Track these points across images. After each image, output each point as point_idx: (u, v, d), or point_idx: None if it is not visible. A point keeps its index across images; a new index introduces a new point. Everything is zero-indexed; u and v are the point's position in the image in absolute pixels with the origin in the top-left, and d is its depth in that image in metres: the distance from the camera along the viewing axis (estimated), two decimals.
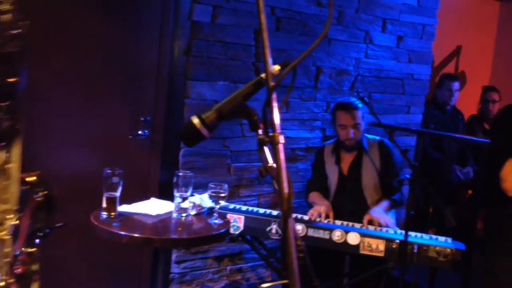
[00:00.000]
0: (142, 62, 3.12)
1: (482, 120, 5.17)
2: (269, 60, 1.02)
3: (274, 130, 0.96)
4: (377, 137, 3.45)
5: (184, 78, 3.18)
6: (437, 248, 2.68)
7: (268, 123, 1.02)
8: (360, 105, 3.31)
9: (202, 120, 1.07)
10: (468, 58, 5.85)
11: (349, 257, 3.14)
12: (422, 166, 4.52)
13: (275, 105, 1.01)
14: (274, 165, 1.10)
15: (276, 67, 1.15)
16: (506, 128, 1.95)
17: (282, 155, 0.97)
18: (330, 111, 3.69)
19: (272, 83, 1.01)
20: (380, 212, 2.98)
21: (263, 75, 1.15)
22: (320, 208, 3.03)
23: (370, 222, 2.99)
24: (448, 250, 2.66)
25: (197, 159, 3.30)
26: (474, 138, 4.40)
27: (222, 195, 2.54)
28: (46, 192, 1.51)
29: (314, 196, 3.32)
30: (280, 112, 3.54)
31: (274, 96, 1.00)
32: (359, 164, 3.34)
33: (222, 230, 2.46)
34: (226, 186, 2.56)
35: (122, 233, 2.25)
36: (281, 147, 0.96)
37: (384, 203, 3.19)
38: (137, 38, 3.08)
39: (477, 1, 5.83)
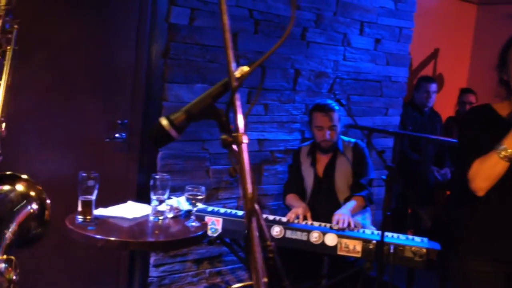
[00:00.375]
0: (119, 64, 3.10)
1: (459, 121, 5.24)
2: (232, 60, 1.03)
3: (237, 130, 0.96)
4: (353, 140, 3.47)
5: (162, 80, 3.17)
6: (413, 248, 2.71)
7: (231, 124, 1.02)
8: (336, 107, 3.33)
9: (170, 121, 1.07)
10: (445, 61, 5.93)
11: (328, 258, 3.15)
12: (401, 167, 4.57)
13: (238, 106, 1.01)
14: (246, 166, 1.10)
15: (245, 68, 1.16)
16: (472, 129, 1.97)
17: (245, 155, 0.97)
18: (307, 113, 3.71)
19: (235, 84, 1.01)
20: (344, 213, 2.99)
21: (237, 73, 1.16)
22: (297, 210, 3.04)
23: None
24: (424, 250, 2.69)
25: (176, 162, 3.29)
26: (451, 140, 4.46)
27: (200, 197, 2.54)
28: (40, 203, 1.49)
29: (291, 199, 3.33)
30: (260, 114, 3.54)
31: (237, 96, 1.00)
32: (333, 166, 3.36)
33: (199, 233, 2.46)
34: (203, 188, 2.55)
35: (98, 236, 2.23)
36: (244, 147, 0.96)
37: (350, 203, 3.20)
38: (114, 41, 3.07)
39: (454, 5, 5.91)
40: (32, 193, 1.52)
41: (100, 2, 3.01)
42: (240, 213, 3.05)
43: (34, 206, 1.50)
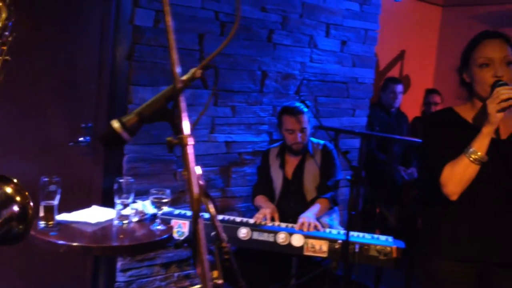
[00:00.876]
0: (82, 67, 3.06)
1: (423, 126, 5.32)
2: (176, 62, 1.02)
3: (182, 132, 0.96)
4: (322, 141, 3.49)
5: (127, 83, 3.14)
6: (378, 247, 2.74)
7: (178, 125, 1.01)
8: (305, 109, 3.33)
9: (122, 124, 1.06)
10: (412, 62, 6.03)
11: (296, 259, 3.16)
12: (368, 167, 4.63)
13: (183, 107, 1.01)
14: (197, 167, 1.10)
15: (199, 70, 1.16)
16: (437, 134, 1.97)
17: (191, 157, 0.97)
18: (276, 115, 3.73)
19: (179, 85, 1.01)
20: (308, 217, 3.01)
21: (184, 77, 1.15)
22: (265, 211, 3.04)
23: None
24: (388, 248, 2.73)
25: (142, 165, 3.26)
26: (417, 140, 4.54)
27: (165, 200, 2.52)
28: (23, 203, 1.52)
29: (259, 200, 3.33)
30: (227, 116, 3.53)
31: (182, 98, 1.00)
32: (302, 168, 3.37)
33: (164, 236, 2.44)
34: (168, 191, 2.54)
35: (60, 242, 2.20)
36: (190, 149, 0.95)
37: (315, 207, 3.21)
38: (76, 43, 3.03)
39: (420, 7, 6.02)
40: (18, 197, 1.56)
41: (62, 4, 2.96)
42: (206, 215, 3.03)
43: (17, 207, 1.56)
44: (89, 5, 3.04)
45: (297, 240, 2.81)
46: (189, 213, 3.08)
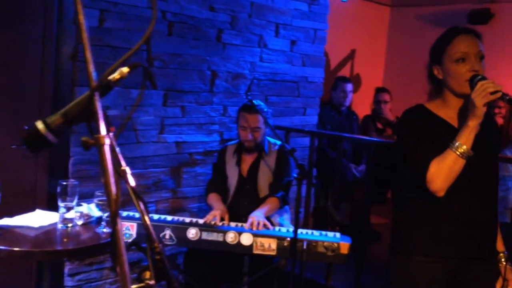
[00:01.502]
0: (24, 68, 2.98)
1: (375, 119, 5.44)
2: (90, 61, 1.00)
3: (98, 132, 0.94)
4: (278, 142, 3.48)
5: (72, 84, 3.08)
6: (325, 243, 2.78)
7: (112, 126, 1.00)
8: (265, 109, 3.33)
9: (47, 125, 1.04)
10: (362, 61, 6.15)
11: (249, 257, 3.17)
12: (320, 165, 4.69)
13: (99, 107, 0.99)
14: (126, 168, 1.09)
15: (125, 69, 1.15)
16: (413, 131, 1.93)
17: (108, 157, 0.96)
18: (225, 114, 3.75)
19: (94, 84, 0.99)
20: (258, 216, 3.03)
21: (111, 76, 1.14)
22: (215, 212, 3.03)
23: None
24: (336, 244, 2.77)
25: (89, 168, 3.21)
26: (365, 138, 4.63)
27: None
28: None
29: (212, 198, 3.30)
30: (177, 116, 3.50)
31: (97, 97, 0.98)
32: (257, 166, 3.37)
33: (110, 239, 2.41)
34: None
35: (0, 247, 2.14)
36: (106, 149, 0.94)
37: (265, 206, 3.23)
38: (18, 43, 2.95)
39: (369, 7, 6.14)
40: None
41: (2, 4, 2.88)
42: (156, 217, 3.02)
43: None
44: (31, 5, 2.97)
45: (246, 239, 2.82)
46: (137, 215, 3.04)
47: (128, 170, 1.14)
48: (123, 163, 1.14)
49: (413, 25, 6.22)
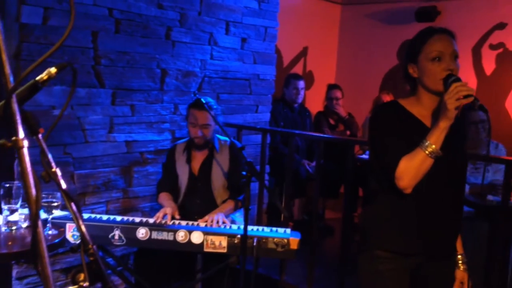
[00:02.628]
0: None
1: (328, 116, 5.52)
2: (6, 62, 0.98)
3: (16, 134, 0.93)
4: (228, 139, 3.48)
5: (16, 83, 3.00)
6: (275, 239, 2.80)
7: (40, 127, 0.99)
8: (214, 106, 3.32)
9: None
10: (314, 58, 6.23)
11: (202, 254, 3.17)
12: (274, 162, 4.73)
13: (16, 109, 0.98)
14: (57, 169, 1.07)
15: (53, 70, 1.13)
16: (386, 127, 1.94)
17: (27, 159, 0.94)
18: (176, 112, 3.73)
19: (11, 85, 0.97)
20: (218, 214, 3.04)
21: (38, 77, 1.12)
22: (165, 209, 3.01)
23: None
24: (285, 240, 2.80)
25: (36, 169, 3.12)
26: (316, 134, 4.70)
27: (55, 204, 2.44)
28: None
29: (162, 198, 3.28)
30: (126, 115, 3.44)
31: (14, 99, 0.97)
32: (209, 164, 3.35)
33: (56, 241, 2.37)
34: (58, 194, 2.46)
35: None
36: (25, 152, 0.93)
37: (225, 206, 3.24)
38: None
39: (320, 5, 6.22)
40: None
41: None
42: (105, 217, 2.98)
43: None
44: None
45: (196, 237, 2.82)
46: (86, 215, 3.00)
47: (58, 171, 1.12)
48: (53, 164, 1.12)
49: (364, 23, 6.35)
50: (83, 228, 1.12)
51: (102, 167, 3.48)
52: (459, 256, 2.09)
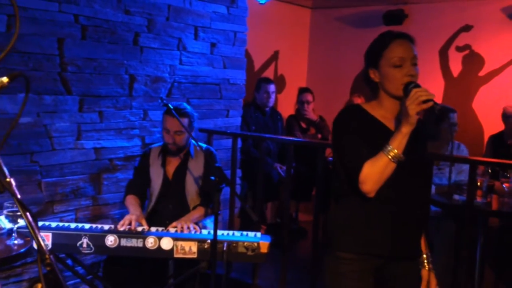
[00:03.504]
0: None
1: (299, 119, 5.56)
2: None
3: None
4: (204, 145, 3.47)
5: None
6: (246, 243, 2.81)
7: None
8: (190, 113, 3.29)
9: None
10: (285, 62, 6.27)
11: (173, 260, 3.15)
12: (246, 166, 4.74)
13: None
14: (11, 179, 1.06)
15: (5, 79, 1.12)
16: (349, 131, 1.95)
17: None
18: (146, 118, 3.71)
19: None
20: (186, 220, 3.03)
21: None
22: (130, 216, 2.99)
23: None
24: (256, 244, 2.81)
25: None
26: (286, 138, 4.72)
27: (20, 213, 2.40)
28: None
29: (129, 202, 3.23)
30: (94, 122, 3.40)
31: None
32: (184, 169, 3.32)
33: (21, 250, 2.33)
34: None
35: None
36: None
37: (194, 213, 3.23)
38: None
39: (290, 9, 6.26)
40: None
41: None
42: (73, 225, 2.95)
43: None
44: None
45: (166, 244, 2.81)
46: (54, 224, 2.96)
47: (13, 181, 1.11)
48: (7, 174, 1.11)
49: (333, 27, 6.41)
50: (39, 238, 1.11)
51: (70, 174, 3.45)
52: (424, 256, 2.12)
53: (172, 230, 2.95)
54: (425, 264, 2.12)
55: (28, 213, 1.08)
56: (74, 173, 3.47)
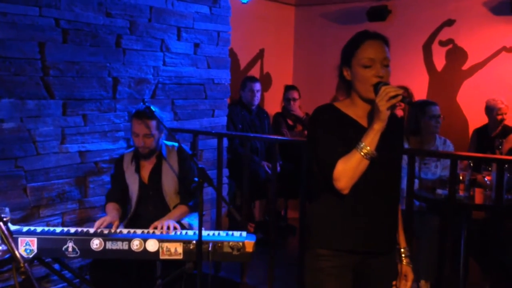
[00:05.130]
0: None
1: (286, 116, 5.58)
2: None
3: None
4: (176, 144, 3.49)
5: None
6: (231, 243, 2.82)
7: None
8: (159, 114, 3.30)
9: None
10: (271, 60, 6.28)
11: (160, 261, 3.16)
12: (233, 165, 4.76)
13: None
14: None
15: None
16: (322, 129, 1.98)
17: None
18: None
19: None
20: (168, 220, 3.05)
21: None
22: (104, 218, 3.01)
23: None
24: (241, 244, 2.82)
25: None
26: (270, 136, 4.74)
27: (4, 219, 2.41)
28: None
29: (108, 208, 3.26)
30: (78, 125, 3.39)
31: None
32: (159, 171, 3.34)
33: (6, 256, 2.35)
34: (7, 209, 2.44)
35: None
36: None
37: (175, 212, 3.25)
38: None
39: (274, 7, 6.27)
40: None
41: None
42: (59, 230, 2.95)
43: None
44: None
45: (152, 245, 2.82)
46: (39, 229, 2.97)
47: None
48: None
49: (317, 23, 6.43)
50: (13, 246, 1.13)
51: (55, 178, 3.45)
52: (402, 250, 2.16)
53: (155, 231, 2.95)
54: (403, 258, 2.16)
55: (0, 222, 1.09)
56: (60, 177, 3.47)
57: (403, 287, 2.14)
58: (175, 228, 2.99)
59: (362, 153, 1.88)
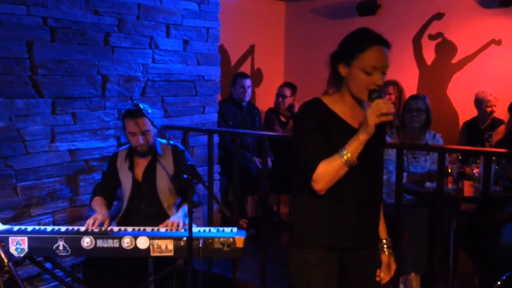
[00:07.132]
0: None
1: (278, 112, 5.59)
2: None
3: None
4: (172, 142, 3.48)
5: None
6: (221, 239, 2.83)
7: None
8: (149, 111, 3.30)
9: None
10: (262, 56, 6.29)
11: (152, 258, 3.17)
12: (224, 160, 4.77)
13: None
14: None
15: None
16: (307, 127, 1.98)
17: None
18: (121, 118, 3.70)
19: None
20: (179, 217, 3.06)
21: None
22: (96, 216, 3.01)
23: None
24: (231, 240, 2.84)
25: None
26: (260, 132, 4.75)
27: None
28: None
29: (95, 203, 3.25)
30: (68, 124, 3.39)
31: None
32: (153, 169, 3.34)
33: None
34: None
35: None
36: None
37: (185, 208, 3.26)
38: None
39: (264, 2, 6.28)
40: None
41: None
42: (49, 228, 2.95)
43: None
44: None
45: (142, 243, 2.83)
46: (30, 228, 2.97)
47: None
48: None
49: (308, 19, 6.44)
50: None
51: (46, 177, 3.45)
52: (384, 241, 2.20)
53: (162, 229, 2.96)
54: (385, 249, 2.20)
55: None
56: (50, 176, 3.47)
57: (387, 276, 2.20)
58: (184, 225, 3.00)
59: (343, 160, 1.90)
